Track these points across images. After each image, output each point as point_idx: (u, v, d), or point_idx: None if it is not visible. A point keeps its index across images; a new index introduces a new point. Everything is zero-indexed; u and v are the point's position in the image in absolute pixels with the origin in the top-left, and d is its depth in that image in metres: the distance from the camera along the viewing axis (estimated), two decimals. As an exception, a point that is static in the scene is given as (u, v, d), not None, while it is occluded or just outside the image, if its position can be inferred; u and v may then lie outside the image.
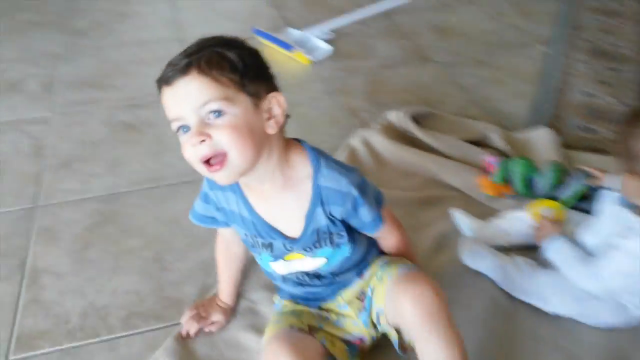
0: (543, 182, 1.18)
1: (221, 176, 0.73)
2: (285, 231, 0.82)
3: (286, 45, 1.87)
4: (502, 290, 1.03)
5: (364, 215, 0.81)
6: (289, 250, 0.84)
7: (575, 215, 1.10)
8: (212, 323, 1.00)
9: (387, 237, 0.91)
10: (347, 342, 0.89)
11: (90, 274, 1.12)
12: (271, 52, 1.92)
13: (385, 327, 0.84)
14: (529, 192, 1.20)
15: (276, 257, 0.86)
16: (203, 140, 0.69)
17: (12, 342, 0.99)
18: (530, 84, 1.73)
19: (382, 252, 0.94)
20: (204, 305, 1.01)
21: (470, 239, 1.09)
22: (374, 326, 0.87)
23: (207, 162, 0.71)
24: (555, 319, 0.98)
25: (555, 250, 0.98)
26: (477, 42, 2.00)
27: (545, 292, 0.97)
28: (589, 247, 0.97)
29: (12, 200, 1.30)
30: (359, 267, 0.90)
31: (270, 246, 0.84)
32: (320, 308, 0.93)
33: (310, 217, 0.80)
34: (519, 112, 1.61)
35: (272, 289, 1.02)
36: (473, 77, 1.78)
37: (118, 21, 2.16)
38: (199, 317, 0.99)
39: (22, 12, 2.21)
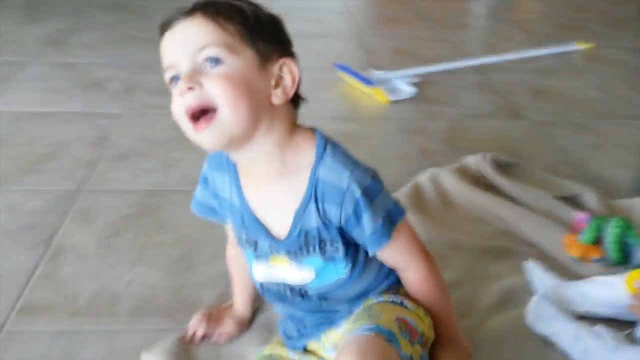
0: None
1: (207, 136, 0.60)
2: (272, 228, 0.69)
3: (367, 80, 1.81)
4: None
5: (368, 225, 0.64)
6: (273, 252, 0.70)
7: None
8: (222, 333, 0.87)
9: (405, 269, 0.72)
10: None
11: (113, 260, 1.05)
12: (350, 90, 1.87)
13: None
14: (623, 259, 0.99)
15: (259, 258, 0.72)
16: (191, 88, 0.58)
17: (12, 312, 0.92)
18: (636, 155, 1.51)
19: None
20: (218, 311, 0.90)
21: (544, 299, 0.88)
22: None
23: (195, 119, 0.59)
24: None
25: None
26: (578, 108, 1.82)
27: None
28: None
29: (60, 180, 1.29)
30: (356, 301, 0.73)
31: (255, 244, 0.71)
32: (305, 350, 0.78)
33: (300, 213, 0.66)
34: (620, 179, 1.39)
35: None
36: (570, 140, 1.59)
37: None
38: (210, 322, 0.87)
39: (124, 26, 2.34)
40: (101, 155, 1.39)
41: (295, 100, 0.67)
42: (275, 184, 0.66)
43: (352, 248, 0.68)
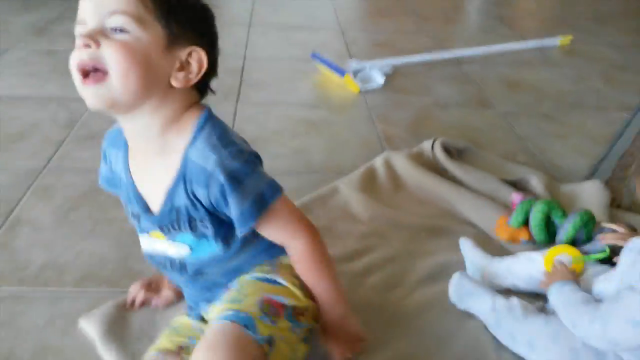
0: (566, 228, 0.98)
1: (91, 94, 0.62)
2: (150, 203, 0.71)
3: (339, 70, 1.84)
4: (490, 335, 0.85)
5: (234, 206, 0.65)
6: (151, 227, 0.73)
7: (596, 267, 0.88)
8: (160, 298, 0.91)
9: (287, 245, 0.73)
10: None
11: (66, 233, 1.10)
12: (323, 78, 1.90)
13: None
14: (548, 239, 1.01)
15: (142, 231, 0.76)
16: (87, 45, 0.60)
17: (-35, 276, 0.97)
18: (597, 144, 1.53)
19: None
20: (156, 280, 0.94)
21: (464, 275, 0.91)
22: None
23: (85, 75, 0.61)
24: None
25: (559, 292, 0.79)
26: (547, 99, 1.84)
27: (534, 339, 0.79)
28: (603, 296, 0.77)
29: (28, 158, 1.34)
30: (233, 276, 0.76)
31: (138, 217, 0.74)
32: (202, 319, 0.81)
33: (172, 192, 0.68)
34: (576, 167, 1.42)
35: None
36: (533, 129, 1.62)
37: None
38: (148, 290, 0.91)
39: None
40: (70, 136, 1.44)
41: (202, 88, 0.70)
42: (154, 161, 0.69)
43: (225, 227, 0.70)
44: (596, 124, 1.67)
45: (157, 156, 0.69)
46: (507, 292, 0.92)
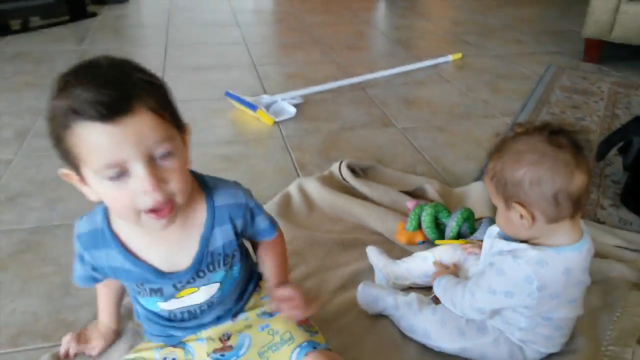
0: (451, 225, 1.15)
1: (167, 221, 0.67)
2: (174, 267, 0.76)
3: (251, 106, 1.96)
4: (397, 328, 0.98)
5: (261, 222, 0.83)
6: (179, 289, 0.79)
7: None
8: (93, 347, 0.96)
9: (277, 245, 0.90)
10: None
11: (-4, 294, 1.12)
12: (239, 114, 2.02)
13: None
14: (440, 236, 1.17)
15: (167, 298, 0.80)
16: (158, 188, 0.63)
17: None
18: (484, 149, 1.74)
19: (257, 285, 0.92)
20: (85, 331, 0.99)
21: (366, 285, 1.04)
22: None
23: (152, 209, 0.65)
24: (443, 356, 0.92)
25: (439, 284, 0.95)
26: (440, 112, 2.06)
27: (429, 328, 0.92)
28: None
29: (-53, 226, 1.34)
30: (237, 304, 0.88)
31: (159, 290, 0.79)
32: (174, 345, 0.87)
33: (205, 240, 0.76)
34: (467, 171, 1.61)
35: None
36: (428, 141, 1.81)
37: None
38: (79, 340, 0.96)
39: (24, 75, 2.40)
40: (-11, 200, 1.46)
41: None
42: (178, 230, 0.74)
43: (242, 251, 0.84)
44: (483, 131, 1.89)
45: (181, 224, 0.74)
46: (409, 289, 1.07)
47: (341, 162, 1.49)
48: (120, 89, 0.60)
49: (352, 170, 1.48)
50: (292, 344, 0.81)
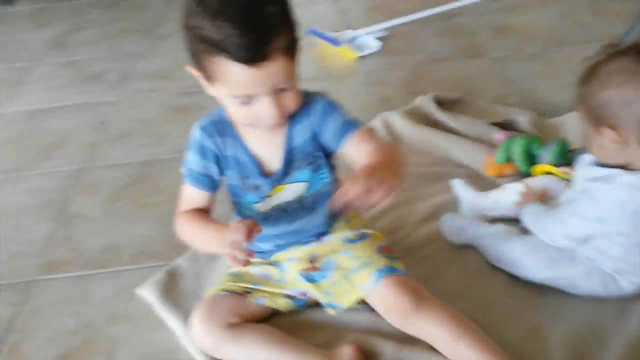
0: (546, 157, 1.11)
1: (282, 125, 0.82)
2: (270, 164, 0.87)
3: (334, 41, 1.95)
4: (483, 258, 0.99)
5: (337, 117, 0.84)
6: (273, 185, 0.88)
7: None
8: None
9: (367, 143, 0.83)
10: (290, 297, 0.92)
11: (116, 220, 1.28)
12: (323, 51, 2.02)
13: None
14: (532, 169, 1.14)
15: (262, 197, 0.89)
16: (281, 108, 0.76)
17: (41, 267, 1.16)
18: (583, 76, 1.62)
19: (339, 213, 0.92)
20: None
21: (449, 216, 1.06)
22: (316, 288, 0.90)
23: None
24: (531, 286, 0.93)
25: (527, 212, 0.94)
26: (535, 39, 1.92)
27: (517, 258, 0.93)
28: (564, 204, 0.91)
29: (68, 162, 1.51)
30: (325, 224, 0.94)
31: (258, 187, 0.88)
32: (269, 263, 0.96)
33: (290, 136, 0.85)
34: (564, 102, 1.52)
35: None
36: (523, 70, 1.72)
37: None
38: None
39: (120, 21, 2.54)
40: (101, 138, 1.61)
41: None
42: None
43: (327, 158, 0.89)
44: (581, 57, 1.75)
45: None
46: (497, 220, 1.07)
47: (426, 95, 1.46)
48: (261, 29, 0.69)
49: (439, 102, 1.45)
50: (371, 267, 0.86)
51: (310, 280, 0.91)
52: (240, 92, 0.74)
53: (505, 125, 1.36)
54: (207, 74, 0.76)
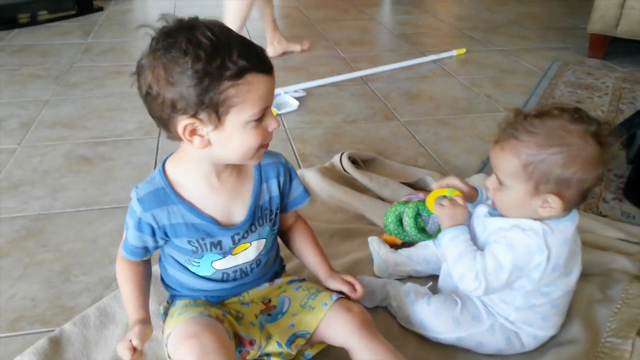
0: (434, 222, 1.02)
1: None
2: (232, 219, 0.84)
3: (254, 99, 1.96)
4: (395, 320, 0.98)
5: (297, 185, 0.92)
6: (237, 242, 0.86)
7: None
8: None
9: (308, 228, 1.00)
10: (238, 339, 0.86)
11: (-4, 280, 1.13)
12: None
13: (296, 348, 0.87)
14: (425, 235, 1.02)
15: (224, 254, 0.86)
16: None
17: None
18: (486, 143, 1.73)
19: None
20: (136, 333, 0.83)
21: (362, 278, 1.03)
22: (268, 338, 0.88)
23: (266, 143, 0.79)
24: (441, 346, 0.92)
25: (452, 242, 0.88)
26: (444, 107, 2.05)
27: (425, 319, 0.93)
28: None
29: (-50, 213, 1.35)
30: (272, 269, 0.97)
31: (219, 244, 0.85)
32: (222, 304, 0.92)
33: (256, 194, 0.85)
34: (469, 164, 1.61)
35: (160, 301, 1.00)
36: (431, 134, 1.81)
37: (111, 77, 2.33)
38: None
39: (29, 67, 2.41)
40: (-8, 188, 1.47)
41: None
42: (230, 182, 0.84)
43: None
44: (486, 125, 1.88)
45: (235, 177, 0.84)
46: (408, 278, 1.07)
47: (342, 154, 1.48)
48: (255, 45, 0.74)
49: (354, 161, 1.48)
50: (326, 292, 0.92)
51: (270, 320, 0.90)
52: (264, 104, 0.75)
53: (417, 186, 1.40)
54: (219, 111, 0.72)
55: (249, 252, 0.88)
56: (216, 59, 0.69)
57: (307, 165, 1.57)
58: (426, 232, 1.03)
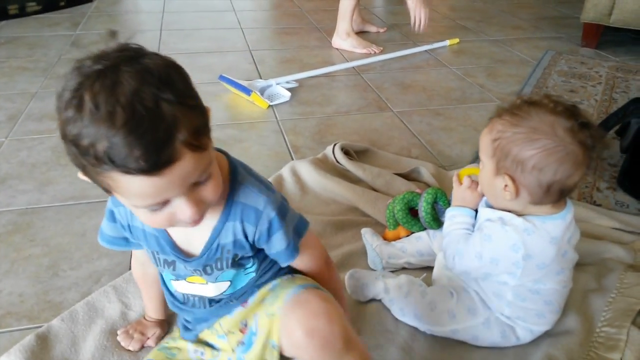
0: (421, 207, 1.06)
1: (200, 224, 0.65)
2: (188, 248, 0.73)
3: (246, 90, 1.93)
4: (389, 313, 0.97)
5: (278, 242, 0.72)
6: (189, 272, 0.76)
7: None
8: (151, 336, 0.95)
9: (306, 264, 0.80)
10: None
11: (-18, 275, 1.11)
12: (234, 98, 1.99)
13: None
14: (438, 224, 1.06)
15: (178, 277, 0.78)
16: (198, 212, 0.62)
17: None
18: (480, 133, 1.71)
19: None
20: (132, 326, 0.96)
21: (353, 273, 1.01)
22: None
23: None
24: (435, 339, 0.91)
25: (452, 221, 0.90)
26: (437, 97, 2.03)
27: (419, 311, 0.91)
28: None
29: None
30: (249, 292, 0.80)
31: (173, 264, 0.76)
32: (198, 341, 0.86)
33: (217, 232, 0.71)
34: (462, 155, 1.60)
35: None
36: (424, 125, 1.79)
37: (100, 70, 2.29)
38: (136, 334, 0.94)
39: (16, 59, 2.37)
40: (-23, 183, 1.44)
41: None
42: None
43: (262, 253, 0.76)
44: (479, 115, 1.87)
45: None
46: (403, 270, 1.05)
47: (335, 145, 1.47)
48: (158, 129, 0.53)
49: (346, 152, 1.46)
50: (287, 288, 0.75)
51: (246, 349, 0.77)
52: (146, 203, 0.59)
53: (410, 176, 1.38)
54: (102, 186, 0.60)
55: (207, 289, 0.77)
56: (85, 137, 0.53)
57: (300, 157, 1.55)
58: (438, 221, 1.04)
